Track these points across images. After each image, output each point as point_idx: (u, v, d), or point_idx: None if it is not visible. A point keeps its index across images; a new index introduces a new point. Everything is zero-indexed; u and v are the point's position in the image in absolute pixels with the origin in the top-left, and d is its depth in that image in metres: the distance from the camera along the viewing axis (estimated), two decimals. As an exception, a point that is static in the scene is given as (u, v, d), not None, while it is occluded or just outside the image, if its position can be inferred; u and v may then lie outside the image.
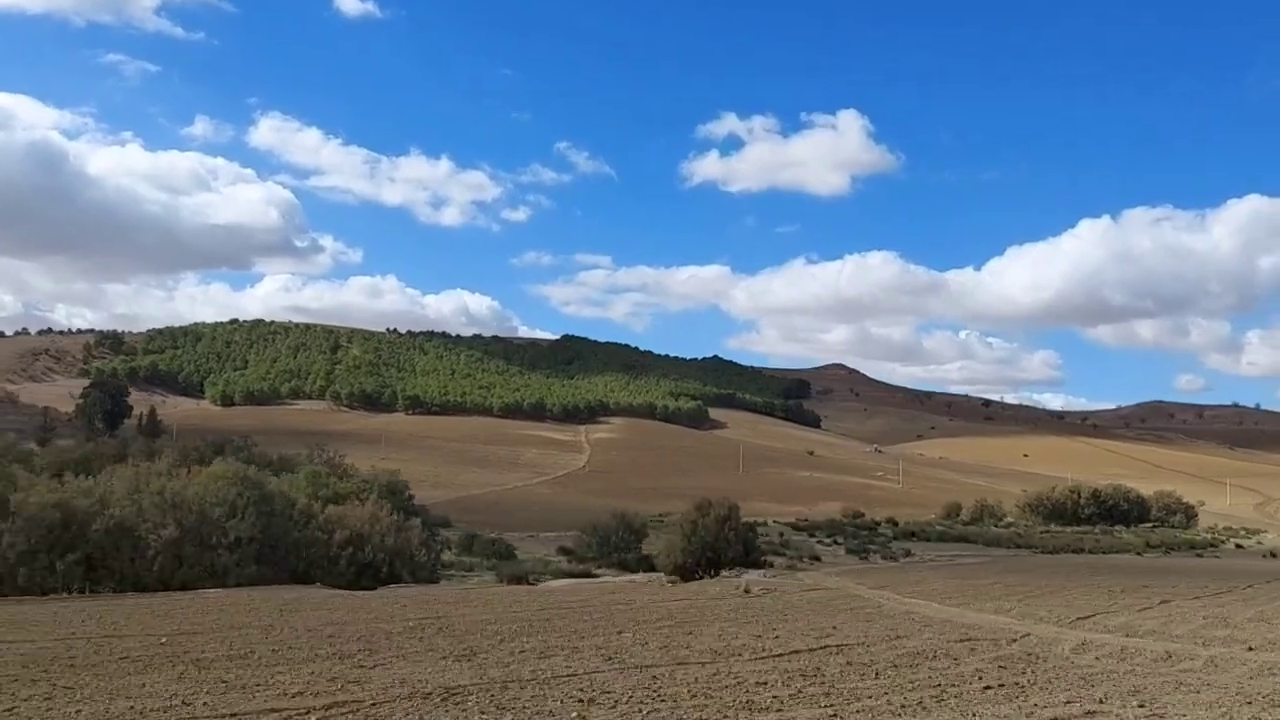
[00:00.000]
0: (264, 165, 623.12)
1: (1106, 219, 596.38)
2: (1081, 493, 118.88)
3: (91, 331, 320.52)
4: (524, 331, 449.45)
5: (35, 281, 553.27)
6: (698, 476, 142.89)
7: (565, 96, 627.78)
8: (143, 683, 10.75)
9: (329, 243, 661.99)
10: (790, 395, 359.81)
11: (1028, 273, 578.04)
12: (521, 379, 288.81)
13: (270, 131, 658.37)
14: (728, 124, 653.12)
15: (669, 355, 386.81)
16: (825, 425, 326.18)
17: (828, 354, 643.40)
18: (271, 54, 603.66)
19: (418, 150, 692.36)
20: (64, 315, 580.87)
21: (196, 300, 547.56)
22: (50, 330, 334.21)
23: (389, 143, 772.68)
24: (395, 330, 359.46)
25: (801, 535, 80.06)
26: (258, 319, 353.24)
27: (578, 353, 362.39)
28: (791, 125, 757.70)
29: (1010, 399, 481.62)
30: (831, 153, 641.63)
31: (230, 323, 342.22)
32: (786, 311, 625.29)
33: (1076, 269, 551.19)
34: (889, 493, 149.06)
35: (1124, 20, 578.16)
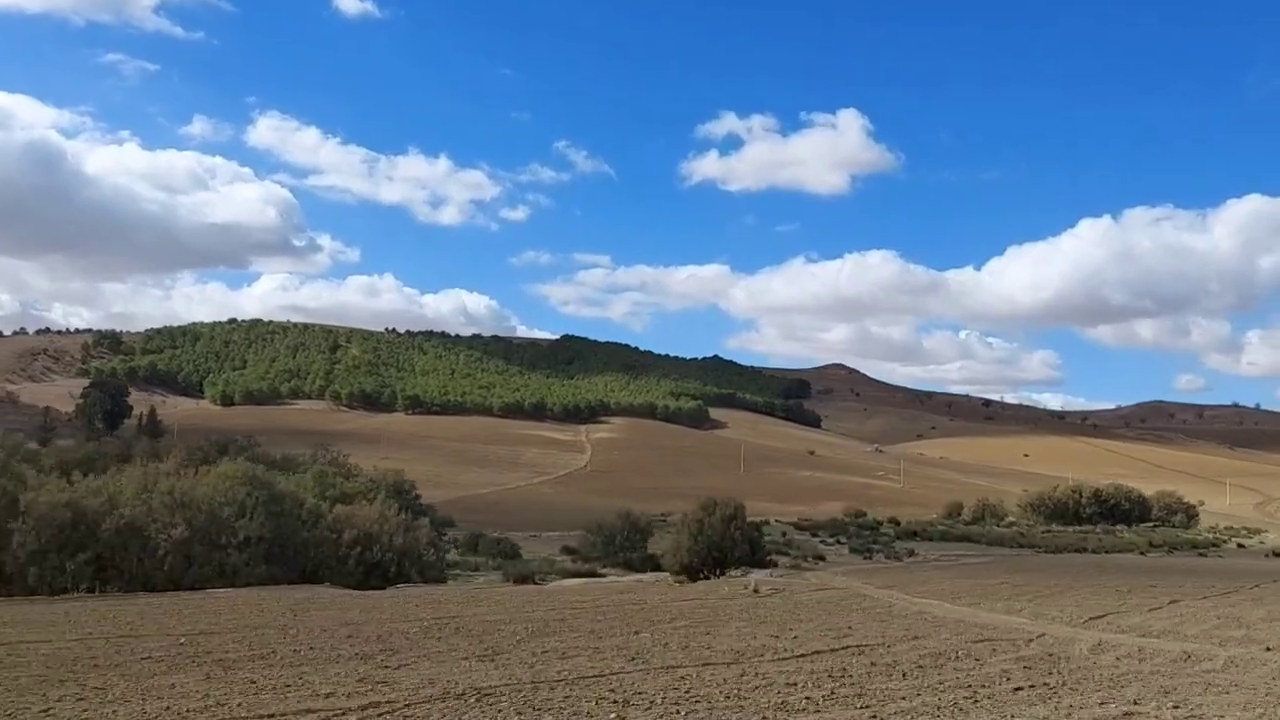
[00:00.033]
0: (262, 164, 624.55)
1: (1107, 219, 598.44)
2: (1083, 492, 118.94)
3: (89, 331, 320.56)
4: (522, 331, 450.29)
5: (32, 280, 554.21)
6: (699, 476, 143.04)
7: (564, 96, 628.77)
8: (171, 683, 10.69)
9: (327, 242, 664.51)
10: (790, 395, 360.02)
11: (1028, 272, 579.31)
12: (521, 379, 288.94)
13: (269, 131, 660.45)
14: (727, 123, 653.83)
15: (669, 355, 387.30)
16: (825, 425, 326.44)
17: (827, 353, 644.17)
18: (270, 53, 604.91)
19: (416, 149, 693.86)
20: (61, 314, 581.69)
21: (193, 299, 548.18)
22: (48, 330, 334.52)
23: (387, 142, 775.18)
24: (394, 330, 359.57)
25: (804, 535, 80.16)
26: (256, 319, 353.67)
27: (577, 352, 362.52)
28: (791, 125, 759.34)
29: (1010, 399, 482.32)
30: (831, 152, 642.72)
31: (228, 322, 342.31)
32: (786, 311, 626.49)
33: (1076, 269, 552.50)
34: (890, 492, 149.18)
35: (1124, 20, 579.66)
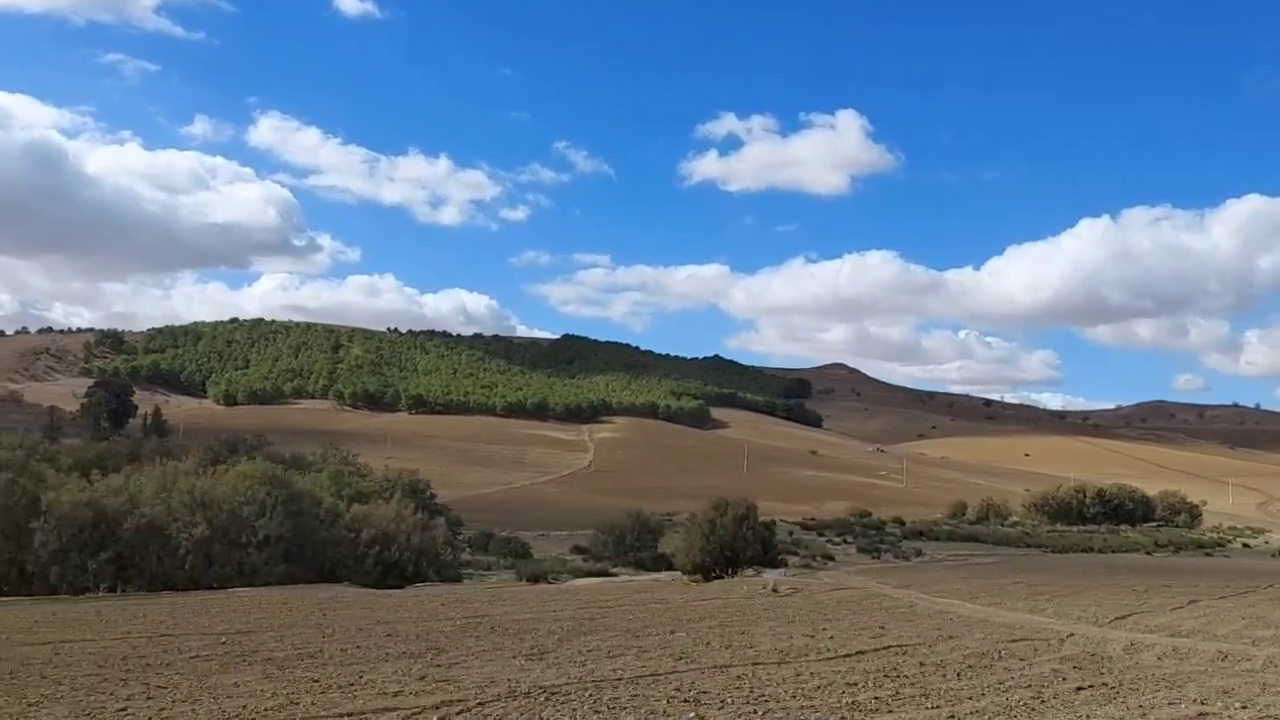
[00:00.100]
0: (263, 164, 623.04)
1: (1106, 219, 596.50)
2: (1087, 492, 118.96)
3: (91, 330, 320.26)
4: (522, 330, 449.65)
5: (32, 280, 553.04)
6: (702, 476, 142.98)
7: (564, 96, 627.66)
8: (233, 681, 10.72)
9: (327, 242, 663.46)
10: (791, 395, 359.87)
11: (1027, 272, 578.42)
12: (523, 378, 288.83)
13: (269, 131, 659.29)
14: (727, 124, 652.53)
15: (669, 355, 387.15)
16: (827, 425, 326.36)
17: (826, 353, 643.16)
18: (271, 53, 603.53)
19: (416, 149, 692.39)
20: (61, 314, 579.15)
21: (194, 299, 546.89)
22: (50, 329, 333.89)
23: (388, 142, 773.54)
24: (396, 329, 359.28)
25: (811, 534, 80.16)
26: (258, 318, 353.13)
27: (578, 352, 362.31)
28: (790, 125, 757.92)
29: (1009, 399, 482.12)
30: (830, 152, 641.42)
31: (230, 322, 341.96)
32: (785, 311, 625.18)
33: (1076, 269, 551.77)
34: (893, 492, 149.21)
35: (1124, 20, 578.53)
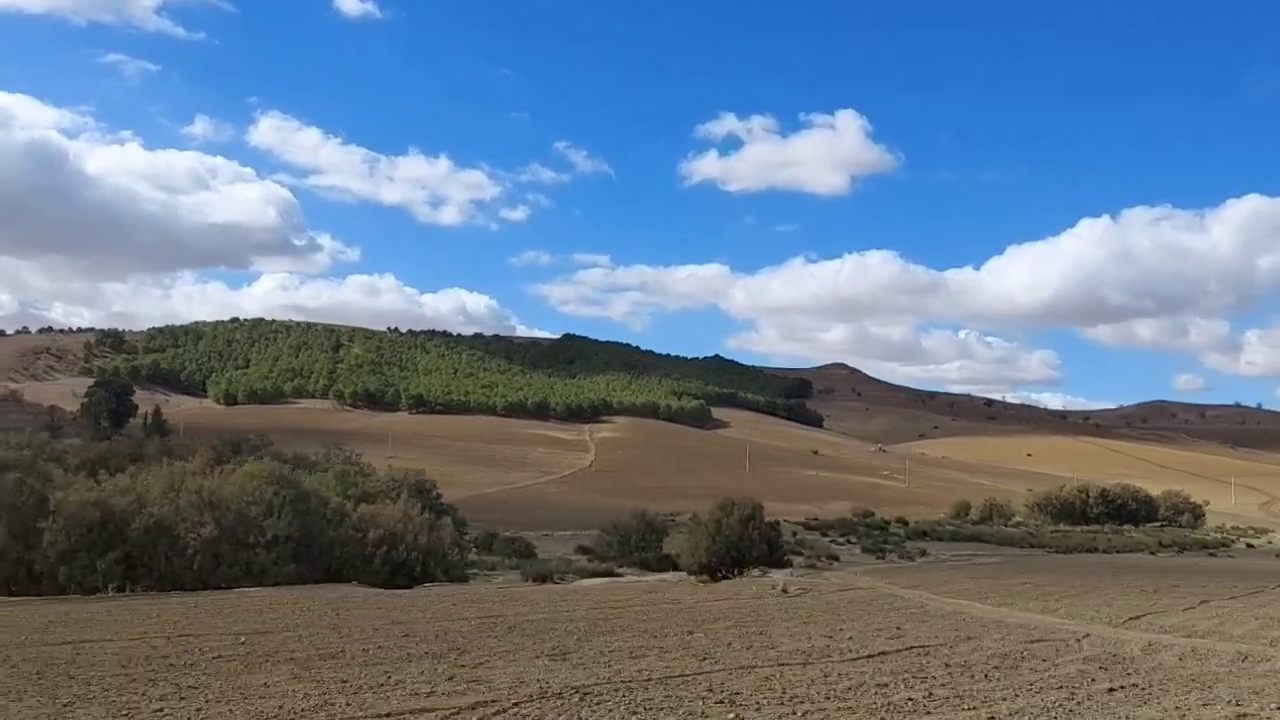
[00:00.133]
0: (263, 164, 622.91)
1: (1106, 219, 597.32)
2: (1090, 492, 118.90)
3: (92, 330, 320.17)
4: (522, 330, 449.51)
5: (32, 280, 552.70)
6: (704, 476, 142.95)
7: (564, 96, 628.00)
8: (263, 682, 10.64)
9: (327, 242, 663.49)
10: (792, 395, 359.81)
11: (1027, 272, 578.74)
12: (524, 378, 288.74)
13: (270, 131, 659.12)
14: (726, 124, 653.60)
15: (670, 355, 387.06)
16: (828, 425, 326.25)
17: (826, 353, 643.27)
18: (271, 54, 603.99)
19: (416, 150, 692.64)
20: (61, 314, 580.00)
21: (193, 299, 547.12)
22: (50, 329, 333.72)
23: (388, 142, 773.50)
24: (396, 329, 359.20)
25: (814, 534, 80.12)
26: (258, 318, 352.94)
27: (579, 352, 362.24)
28: (790, 125, 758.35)
29: (1010, 399, 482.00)
30: (830, 152, 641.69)
31: (230, 321, 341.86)
32: (785, 311, 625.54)
33: (1076, 269, 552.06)
34: (896, 492, 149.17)
35: (1124, 20, 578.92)
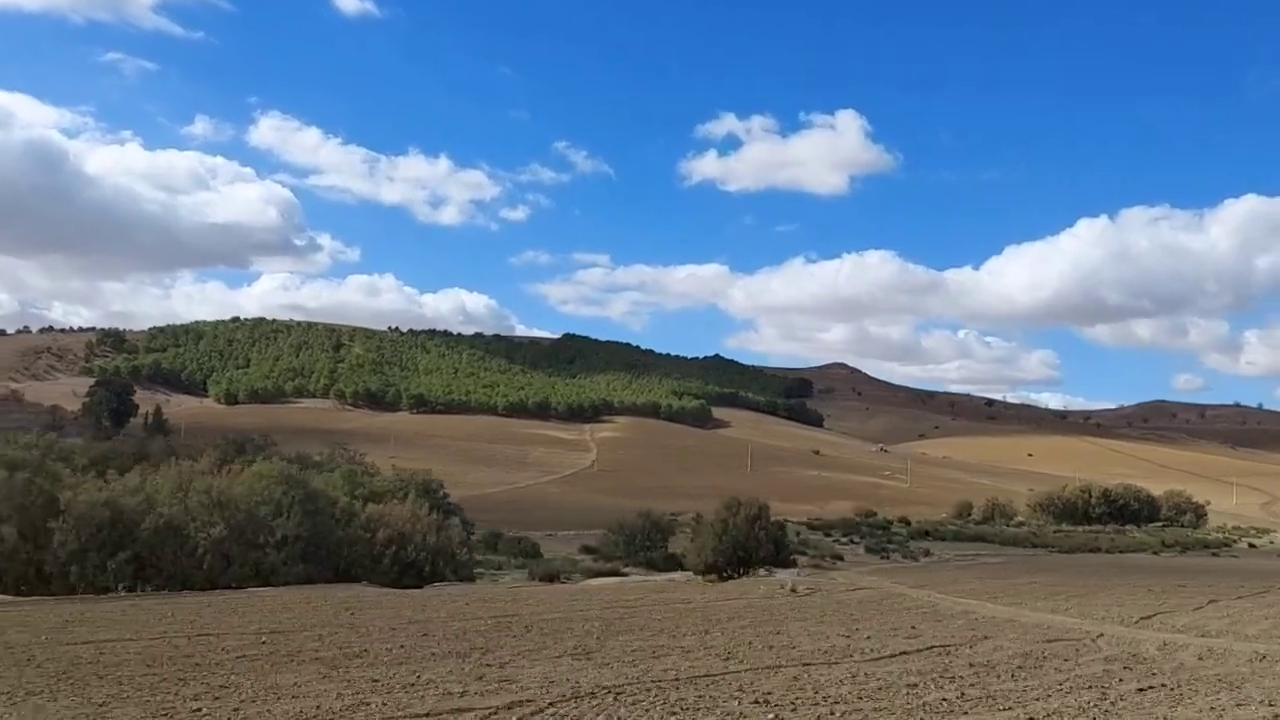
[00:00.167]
0: (263, 164, 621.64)
1: (1104, 219, 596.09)
2: (1092, 492, 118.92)
3: (92, 330, 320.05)
4: (521, 330, 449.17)
5: (31, 279, 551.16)
6: (705, 476, 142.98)
7: (564, 96, 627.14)
8: (292, 681, 10.62)
9: (327, 241, 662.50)
10: (792, 394, 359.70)
11: (1026, 272, 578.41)
12: (525, 378, 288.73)
13: (270, 130, 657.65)
14: (726, 124, 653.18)
15: (670, 354, 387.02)
16: (828, 424, 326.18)
17: (826, 353, 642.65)
18: (270, 53, 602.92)
19: (416, 149, 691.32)
20: (60, 313, 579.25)
21: (193, 299, 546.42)
22: (51, 328, 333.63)
23: (388, 142, 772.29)
24: (397, 329, 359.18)
25: (817, 534, 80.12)
26: (259, 317, 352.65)
27: (579, 351, 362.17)
28: (790, 125, 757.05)
29: (1010, 398, 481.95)
30: (830, 152, 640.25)
31: (231, 321, 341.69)
32: (785, 310, 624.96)
33: (1074, 268, 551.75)
34: (897, 492, 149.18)
35: (1124, 20, 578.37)
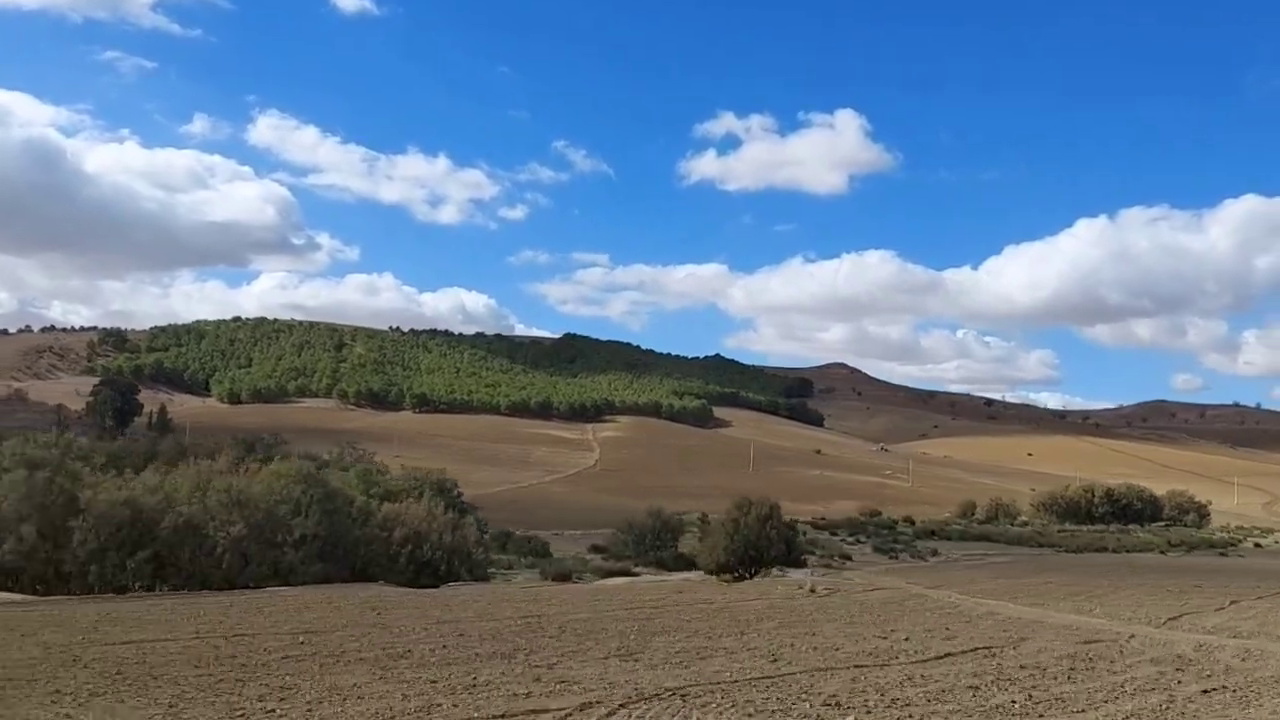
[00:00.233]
0: (262, 163, 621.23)
1: (1103, 219, 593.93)
2: (1095, 492, 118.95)
3: (94, 329, 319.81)
4: (520, 329, 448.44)
5: (30, 278, 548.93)
6: (708, 475, 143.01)
7: (563, 95, 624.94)
8: (352, 683, 10.57)
9: (326, 240, 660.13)
10: (793, 394, 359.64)
11: (1025, 272, 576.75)
12: (526, 377, 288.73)
13: (269, 129, 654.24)
14: (725, 123, 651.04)
15: (670, 354, 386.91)
16: (829, 424, 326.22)
17: (825, 353, 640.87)
18: (269, 51, 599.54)
19: (415, 148, 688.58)
20: (60, 312, 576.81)
21: (192, 297, 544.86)
22: (53, 327, 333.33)
23: (386, 141, 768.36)
24: (398, 328, 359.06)
25: (823, 534, 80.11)
26: (261, 317, 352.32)
27: (580, 351, 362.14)
28: (789, 124, 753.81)
29: (1009, 398, 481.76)
30: (829, 152, 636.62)
31: (233, 320, 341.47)
32: (784, 310, 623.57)
33: (1074, 268, 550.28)
34: (900, 491, 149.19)
35: (1124, 20, 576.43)
